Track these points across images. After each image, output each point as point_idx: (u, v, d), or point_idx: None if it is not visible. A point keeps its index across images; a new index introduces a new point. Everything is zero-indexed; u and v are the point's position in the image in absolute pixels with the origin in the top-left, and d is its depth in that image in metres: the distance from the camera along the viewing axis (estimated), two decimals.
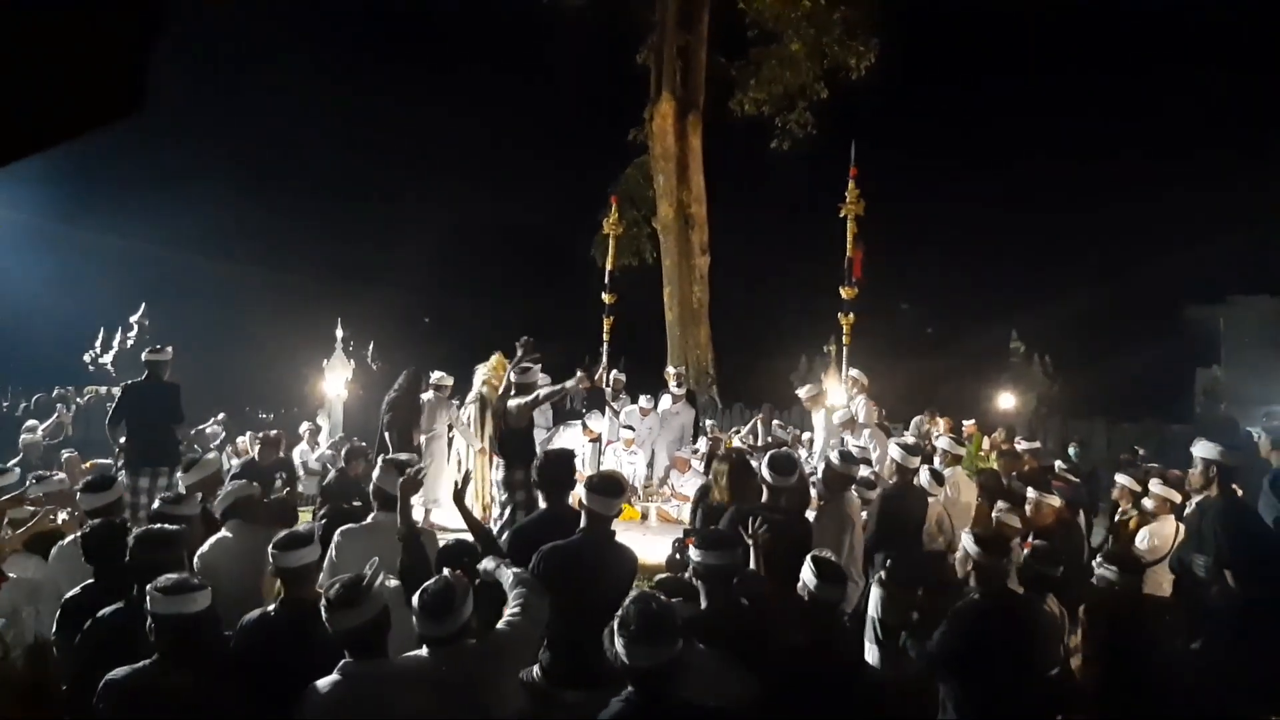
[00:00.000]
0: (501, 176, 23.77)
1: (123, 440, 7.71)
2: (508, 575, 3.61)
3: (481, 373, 9.25)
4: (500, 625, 3.34)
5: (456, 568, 3.53)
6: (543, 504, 4.55)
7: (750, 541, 4.37)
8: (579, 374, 8.12)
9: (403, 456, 4.72)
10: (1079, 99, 21.91)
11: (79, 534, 4.61)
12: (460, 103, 23.24)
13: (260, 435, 8.73)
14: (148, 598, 3.05)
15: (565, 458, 4.69)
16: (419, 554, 4.00)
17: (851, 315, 9.54)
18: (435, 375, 9.51)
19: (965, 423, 11.44)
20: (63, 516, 5.01)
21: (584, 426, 9.89)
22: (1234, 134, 19.47)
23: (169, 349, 8.06)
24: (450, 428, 9.40)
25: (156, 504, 4.71)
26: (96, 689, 2.97)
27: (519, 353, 7.64)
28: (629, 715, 2.81)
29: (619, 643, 2.80)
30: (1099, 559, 4.34)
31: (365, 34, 22.93)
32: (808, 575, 3.81)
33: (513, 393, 7.35)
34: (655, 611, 2.84)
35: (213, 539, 4.48)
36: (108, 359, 12.31)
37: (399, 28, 23.35)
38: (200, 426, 9.08)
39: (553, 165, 23.06)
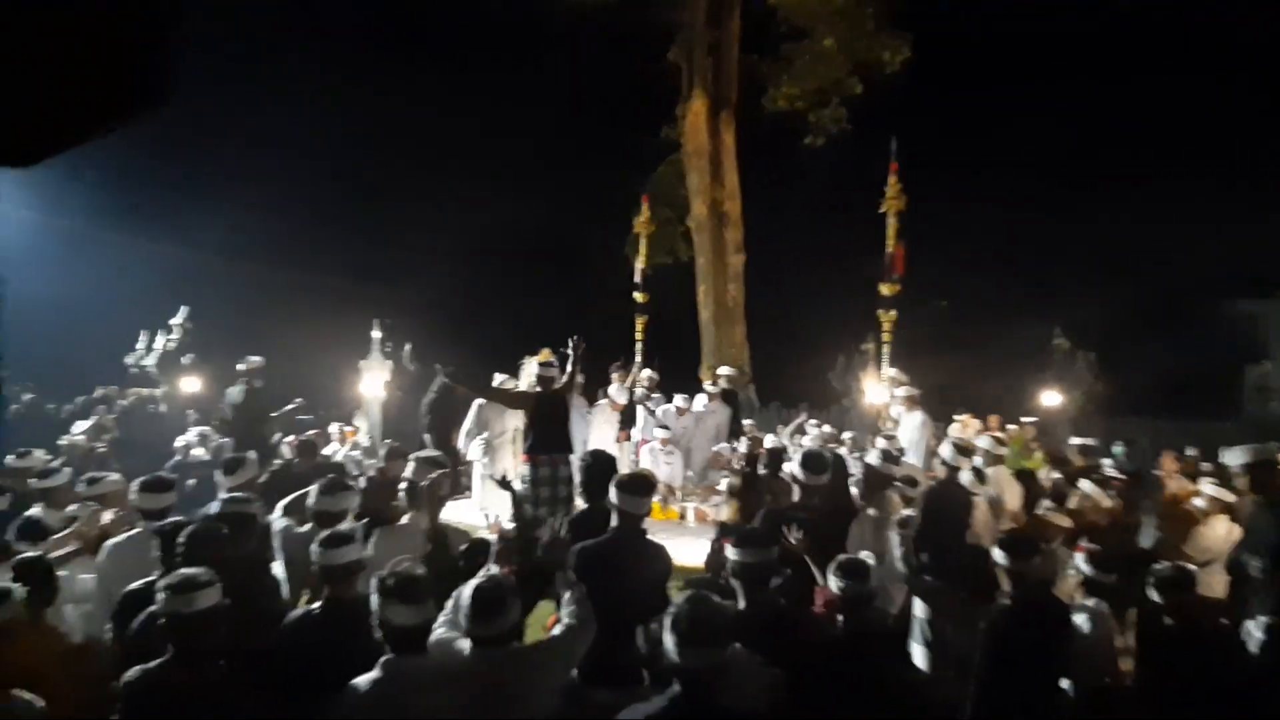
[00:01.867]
0: (533, 176, 23.81)
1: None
2: (565, 590, 3.58)
3: (530, 367, 9.19)
4: (552, 636, 3.34)
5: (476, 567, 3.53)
6: (581, 503, 4.54)
7: (792, 545, 4.34)
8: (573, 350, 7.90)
9: (434, 454, 4.74)
10: (1122, 92, 21.48)
11: (132, 532, 4.68)
12: (490, 103, 23.32)
13: (298, 439, 8.77)
14: (156, 596, 3.07)
15: (610, 459, 4.69)
16: (445, 552, 4.02)
17: (893, 312, 9.44)
18: (499, 378, 9.38)
19: (1010, 426, 11.27)
20: (107, 516, 5.07)
21: (610, 401, 9.86)
22: None
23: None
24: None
25: (218, 504, 4.78)
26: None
27: (571, 352, 7.62)
28: (673, 716, 2.78)
29: (669, 641, 2.77)
30: (1151, 580, 4.19)
31: (395, 36, 23.06)
32: (832, 579, 3.80)
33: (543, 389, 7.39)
34: (708, 612, 2.81)
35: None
36: (150, 361, 12.48)
37: (427, 28, 23.48)
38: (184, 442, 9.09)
39: (584, 164, 23.05)
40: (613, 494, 4.06)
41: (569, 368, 7.54)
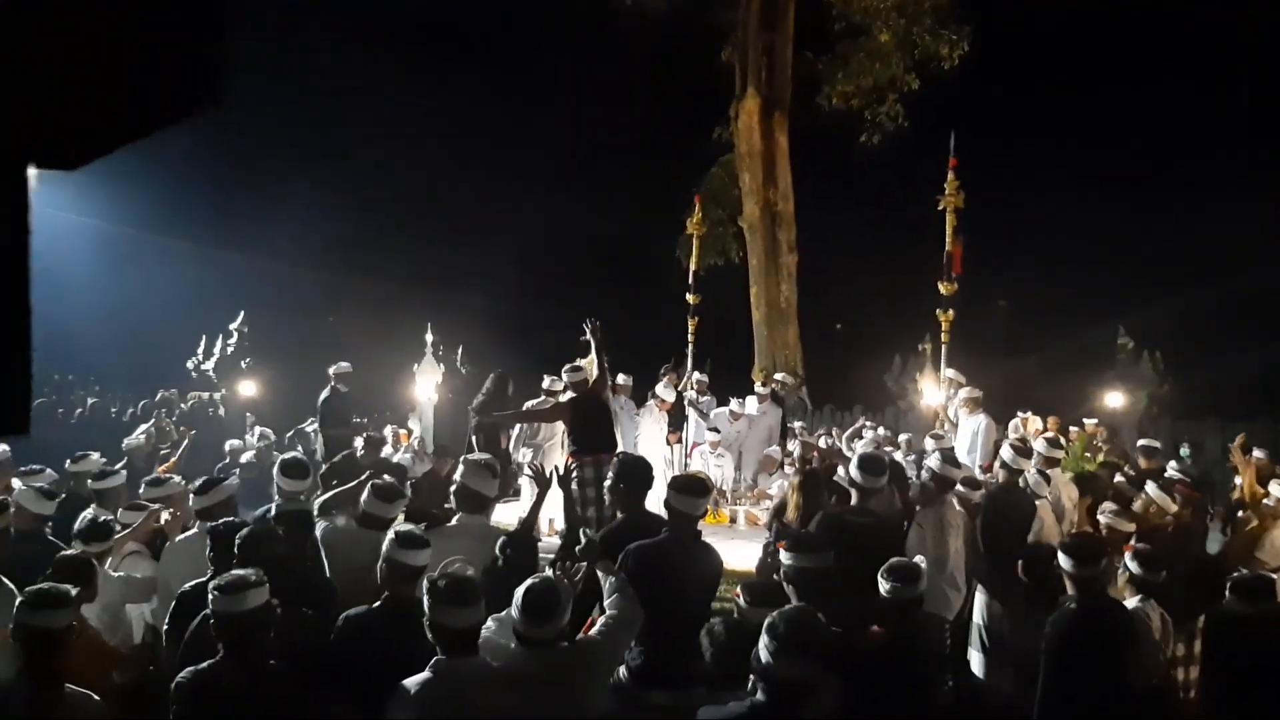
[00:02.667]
0: (585, 178, 23.93)
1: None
2: (607, 581, 3.56)
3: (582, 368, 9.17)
4: (594, 633, 3.31)
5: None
6: (619, 510, 4.49)
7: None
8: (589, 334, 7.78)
9: (486, 457, 4.74)
10: (1191, 86, 20.84)
11: (189, 533, 4.77)
12: (542, 106, 23.50)
13: (368, 434, 9.11)
14: (208, 596, 3.10)
15: (644, 462, 4.62)
16: (527, 555, 4.04)
17: (951, 312, 9.24)
18: (547, 380, 9.21)
19: (1073, 429, 10.97)
20: (165, 516, 5.16)
21: (658, 400, 9.80)
22: None
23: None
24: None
25: (275, 504, 4.84)
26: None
27: (588, 336, 7.49)
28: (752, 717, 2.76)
29: (764, 645, 2.75)
30: (1230, 587, 4.04)
31: (449, 42, 23.32)
32: (880, 580, 3.75)
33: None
34: (811, 623, 2.83)
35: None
36: (209, 365, 12.79)
37: (482, 35, 23.70)
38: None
39: (637, 166, 23.08)
40: (668, 494, 4.02)
41: (592, 355, 7.43)
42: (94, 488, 5.77)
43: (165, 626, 3.97)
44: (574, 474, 7.22)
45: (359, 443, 8.72)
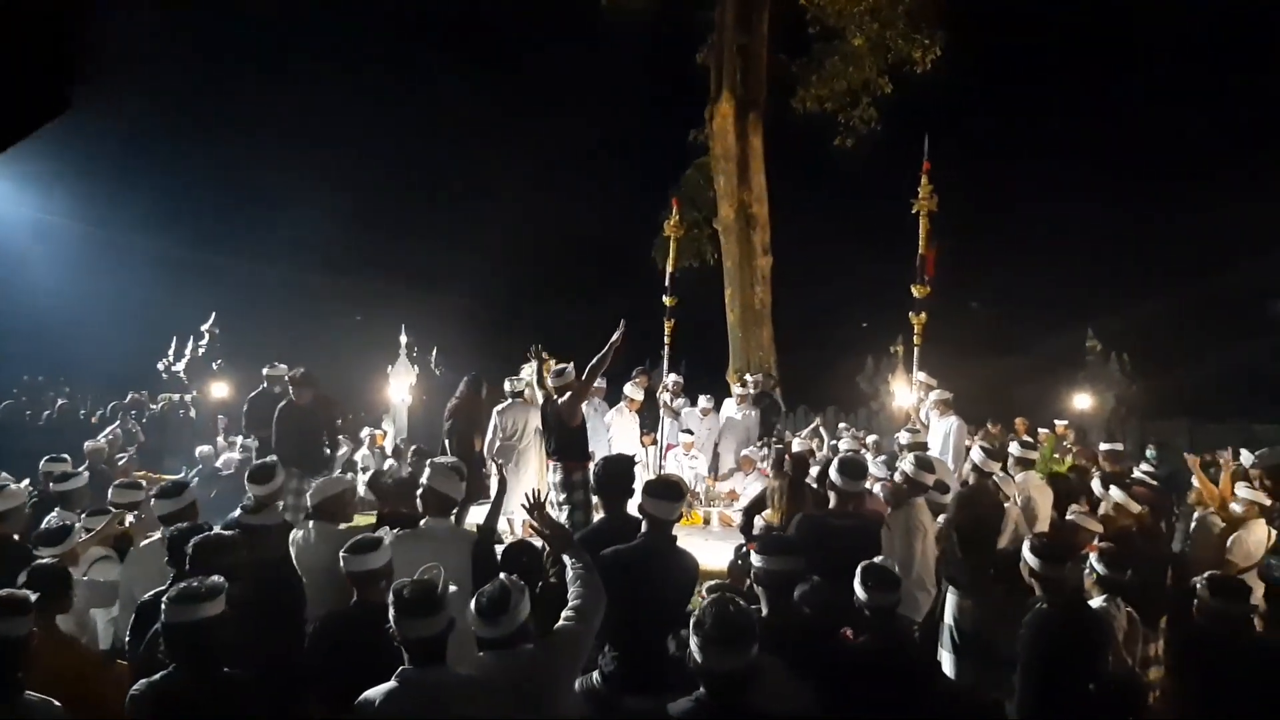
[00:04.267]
0: (561, 180, 23.88)
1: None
2: (569, 572, 3.54)
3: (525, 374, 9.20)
4: (556, 627, 3.30)
5: (515, 571, 3.50)
6: (600, 511, 4.50)
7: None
8: (616, 334, 7.79)
9: (453, 460, 4.72)
10: (1158, 90, 21.14)
11: (154, 538, 4.71)
12: (520, 107, 23.44)
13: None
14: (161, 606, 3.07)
15: (625, 463, 4.60)
16: (490, 560, 4.02)
17: (923, 314, 9.32)
18: (509, 384, 9.09)
19: (1042, 430, 11.09)
20: (130, 520, 5.10)
21: (627, 400, 9.84)
22: None
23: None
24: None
25: (237, 513, 4.80)
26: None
27: (530, 360, 7.58)
28: (698, 717, 2.79)
29: (694, 643, 2.78)
30: (1202, 584, 4.07)
31: (424, 40, 23.23)
32: (857, 587, 3.73)
33: (556, 396, 7.34)
34: (733, 614, 2.82)
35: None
36: (180, 367, 12.63)
37: (459, 33, 23.62)
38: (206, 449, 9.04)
39: (613, 168, 23.09)
40: (642, 499, 4.01)
41: (600, 356, 7.44)
42: (55, 490, 5.71)
43: (127, 636, 3.92)
44: (551, 477, 7.25)
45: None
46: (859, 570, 3.77)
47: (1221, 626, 3.95)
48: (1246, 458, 6.87)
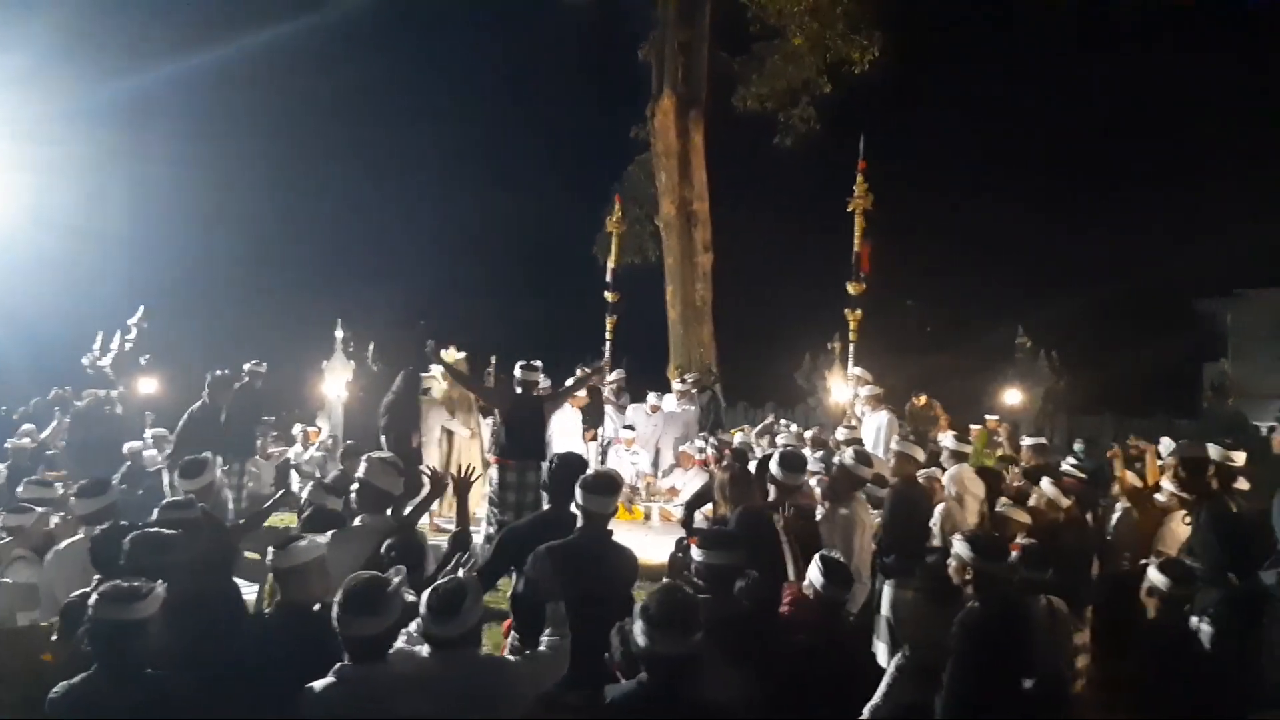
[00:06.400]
0: (503, 174, 23.74)
1: None
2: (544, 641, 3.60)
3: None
4: (529, 654, 3.37)
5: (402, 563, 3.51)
6: (546, 505, 4.48)
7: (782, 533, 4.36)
8: (593, 369, 8.00)
9: (387, 455, 4.67)
10: (1085, 90, 21.77)
11: (75, 538, 4.56)
12: (461, 99, 23.20)
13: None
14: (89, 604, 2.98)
15: (580, 462, 4.58)
16: (418, 553, 3.98)
17: (859, 311, 9.47)
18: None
19: (974, 425, 11.33)
20: (55, 520, 4.94)
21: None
22: (1241, 126, 19.30)
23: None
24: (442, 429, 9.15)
25: (157, 511, 4.65)
26: None
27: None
28: (639, 698, 2.83)
29: (639, 627, 2.80)
30: (1153, 566, 4.17)
31: (362, 29, 22.82)
32: (815, 574, 3.76)
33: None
34: (679, 600, 2.87)
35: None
36: (106, 362, 12.23)
37: (398, 24, 23.28)
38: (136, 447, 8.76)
39: (555, 163, 23.00)
40: (578, 494, 4.01)
41: (570, 383, 7.58)
42: None
43: (54, 638, 3.80)
44: (495, 477, 7.21)
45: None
46: (817, 559, 3.82)
47: (1166, 609, 4.05)
48: (1166, 444, 7.08)
